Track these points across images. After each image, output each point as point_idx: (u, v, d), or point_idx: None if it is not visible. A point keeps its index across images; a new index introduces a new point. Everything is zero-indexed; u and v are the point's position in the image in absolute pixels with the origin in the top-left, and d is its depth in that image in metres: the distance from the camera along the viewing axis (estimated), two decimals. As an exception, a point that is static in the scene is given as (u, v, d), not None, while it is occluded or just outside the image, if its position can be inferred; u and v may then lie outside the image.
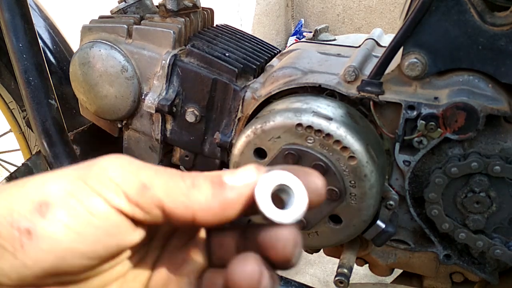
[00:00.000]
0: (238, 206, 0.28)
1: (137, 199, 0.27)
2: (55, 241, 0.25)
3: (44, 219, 0.25)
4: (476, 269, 0.71)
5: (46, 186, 0.26)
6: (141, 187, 0.27)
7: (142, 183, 0.27)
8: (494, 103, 0.60)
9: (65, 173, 0.27)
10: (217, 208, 0.27)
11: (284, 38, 3.59)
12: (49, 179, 0.27)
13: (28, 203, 0.26)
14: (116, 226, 0.27)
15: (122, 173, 0.27)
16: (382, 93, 0.65)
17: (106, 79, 0.81)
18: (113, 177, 0.27)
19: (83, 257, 0.26)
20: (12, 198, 0.26)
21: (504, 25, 0.58)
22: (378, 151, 0.65)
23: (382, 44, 0.80)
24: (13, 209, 0.26)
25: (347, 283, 0.70)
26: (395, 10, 3.23)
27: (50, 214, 0.25)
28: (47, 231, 0.25)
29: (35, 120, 0.83)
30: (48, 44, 1.04)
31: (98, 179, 0.27)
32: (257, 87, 0.76)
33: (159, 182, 0.27)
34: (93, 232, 0.26)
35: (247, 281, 0.25)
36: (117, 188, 0.27)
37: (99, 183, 0.26)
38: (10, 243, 0.25)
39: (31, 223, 0.25)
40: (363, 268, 0.83)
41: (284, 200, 0.28)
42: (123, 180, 0.27)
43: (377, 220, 0.68)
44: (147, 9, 0.88)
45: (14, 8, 0.79)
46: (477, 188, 0.63)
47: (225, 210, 0.27)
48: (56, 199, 0.26)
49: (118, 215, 0.27)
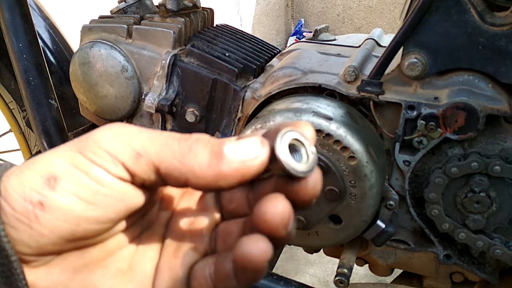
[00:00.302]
0: (232, 180, 0.28)
1: (133, 168, 0.28)
2: (67, 210, 0.27)
3: (54, 191, 0.27)
4: (476, 269, 0.71)
5: (51, 161, 0.28)
6: (136, 155, 0.28)
7: (136, 151, 0.28)
8: (494, 103, 0.60)
9: (65, 148, 0.29)
10: (210, 178, 0.27)
11: (284, 38, 3.59)
12: (53, 155, 0.28)
13: (37, 177, 0.27)
14: (123, 192, 0.28)
15: (115, 144, 0.28)
16: (382, 93, 0.65)
17: (106, 79, 0.81)
18: (108, 149, 0.28)
19: (96, 222, 0.28)
20: (22, 174, 0.28)
21: (504, 25, 0.58)
22: (378, 151, 0.65)
23: (382, 44, 0.80)
24: (23, 185, 0.27)
25: (347, 283, 0.70)
26: (395, 10, 3.23)
27: (58, 186, 0.27)
28: (58, 202, 0.27)
29: (35, 120, 0.83)
30: (48, 44, 1.04)
31: (94, 152, 0.28)
32: (257, 87, 0.76)
33: (153, 148, 0.28)
34: (103, 199, 0.27)
35: (279, 217, 0.26)
36: (113, 159, 0.28)
37: (96, 155, 0.28)
38: (25, 216, 0.27)
39: (42, 196, 0.27)
40: (363, 268, 0.83)
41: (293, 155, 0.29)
42: (117, 150, 0.28)
43: (377, 220, 0.68)
44: (147, 9, 0.88)
45: (14, 8, 0.79)
46: (477, 188, 0.63)
47: (218, 181, 0.28)
48: (63, 172, 0.27)
49: (121, 182, 0.28)
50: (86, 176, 0.27)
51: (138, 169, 0.28)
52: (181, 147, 0.28)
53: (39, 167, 0.28)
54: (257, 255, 0.26)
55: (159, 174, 0.28)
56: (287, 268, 1.70)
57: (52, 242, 0.27)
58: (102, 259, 0.31)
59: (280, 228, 0.27)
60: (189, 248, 0.32)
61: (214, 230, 0.33)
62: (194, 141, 0.28)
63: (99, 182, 0.27)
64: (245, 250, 0.26)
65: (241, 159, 0.28)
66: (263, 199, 0.27)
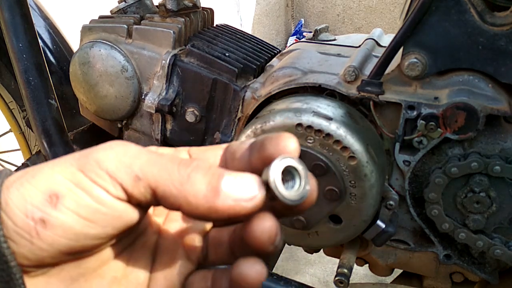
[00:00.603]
0: (224, 216, 0.28)
1: (131, 190, 0.29)
2: (68, 228, 0.28)
3: (56, 209, 0.28)
4: (476, 269, 0.71)
5: (53, 178, 0.28)
6: (135, 178, 0.28)
7: (135, 174, 0.29)
8: (494, 103, 0.60)
9: (66, 164, 0.29)
10: (203, 210, 0.28)
11: (284, 38, 3.59)
12: (54, 170, 0.29)
13: (39, 194, 0.28)
14: (121, 211, 0.29)
15: (116, 165, 0.29)
16: (382, 93, 0.65)
17: (106, 79, 0.81)
18: (108, 170, 0.28)
19: (94, 238, 0.29)
20: (23, 189, 0.28)
21: (504, 25, 0.58)
22: (378, 151, 0.65)
23: (382, 44, 0.80)
24: (26, 200, 0.28)
25: (347, 283, 0.70)
26: (395, 10, 3.23)
27: (60, 204, 0.28)
28: (59, 220, 0.28)
29: (35, 120, 0.83)
30: (48, 44, 1.04)
31: (95, 172, 0.29)
32: (257, 87, 0.76)
33: (152, 172, 0.29)
34: (102, 217, 0.28)
35: (266, 235, 0.28)
36: (113, 180, 0.28)
37: (97, 175, 0.28)
38: (26, 232, 0.27)
39: (45, 213, 0.27)
40: (363, 268, 0.83)
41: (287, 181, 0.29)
42: (117, 172, 0.29)
43: (377, 220, 0.68)
44: (147, 9, 0.88)
45: (14, 8, 0.79)
46: (477, 188, 0.63)
47: (210, 214, 0.28)
48: (65, 190, 0.28)
49: (120, 202, 0.29)
50: (87, 195, 0.28)
51: (136, 192, 0.29)
52: (180, 174, 0.28)
53: (41, 183, 0.28)
54: (253, 277, 0.28)
55: (155, 196, 0.29)
56: (287, 268, 1.70)
57: (51, 256, 0.28)
58: (98, 268, 0.32)
59: (268, 245, 0.28)
60: (183, 258, 0.33)
61: (205, 237, 0.34)
62: (193, 169, 0.29)
63: (99, 201, 0.28)
64: (242, 271, 0.28)
65: (236, 198, 0.28)
66: (252, 218, 0.28)
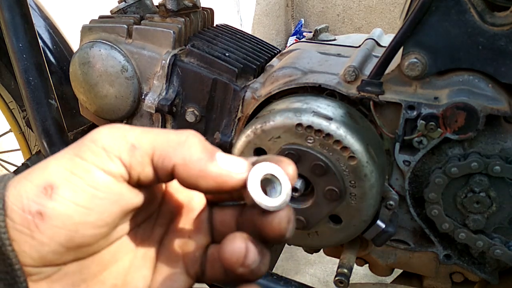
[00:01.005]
0: (210, 183, 0.29)
1: (129, 160, 0.29)
2: (66, 217, 0.27)
3: (51, 199, 0.27)
4: (476, 269, 0.71)
5: (47, 169, 0.28)
6: (131, 147, 0.29)
7: (131, 143, 0.29)
8: (494, 103, 0.60)
9: (62, 153, 0.29)
10: (194, 172, 0.28)
11: (284, 38, 3.59)
12: (49, 163, 0.29)
13: (33, 187, 0.28)
14: (118, 194, 0.29)
15: (111, 140, 0.29)
16: (382, 93, 0.65)
17: (106, 79, 0.81)
18: (105, 145, 0.29)
19: (93, 226, 0.28)
20: (19, 185, 0.28)
21: (504, 25, 0.58)
22: (378, 151, 0.65)
23: (382, 44, 0.80)
24: (21, 196, 0.28)
25: (347, 283, 0.70)
26: (395, 10, 3.23)
27: (55, 194, 0.28)
28: (57, 210, 0.27)
29: (35, 120, 0.83)
30: (48, 44, 1.04)
31: (92, 151, 0.28)
32: (257, 87, 0.76)
33: (147, 138, 0.29)
34: (99, 203, 0.28)
35: (235, 256, 0.29)
36: (110, 154, 0.28)
37: (94, 154, 0.28)
38: (26, 227, 0.27)
39: (41, 205, 0.27)
40: (363, 268, 0.83)
41: (268, 188, 0.30)
42: (114, 145, 0.29)
43: (377, 220, 0.68)
44: (147, 9, 0.88)
45: (14, 8, 0.79)
46: (477, 188, 0.63)
47: (199, 178, 0.29)
48: (59, 179, 0.28)
49: (118, 182, 0.29)
50: (82, 181, 0.28)
51: (134, 162, 0.29)
52: (178, 136, 0.29)
53: (35, 176, 0.28)
54: None
55: (153, 165, 0.29)
56: (287, 268, 1.70)
57: (53, 251, 0.28)
58: (98, 273, 0.32)
59: (236, 266, 0.29)
60: (183, 271, 0.33)
61: (205, 252, 0.34)
62: (192, 134, 0.30)
63: (95, 186, 0.28)
64: None
65: (226, 169, 0.29)
66: (226, 237, 0.30)
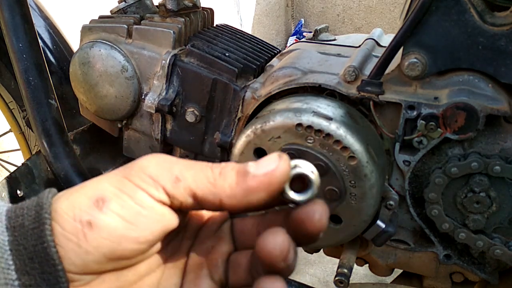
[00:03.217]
0: (260, 193, 0.31)
1: (172, 191, 0.31)
2: (112, 230, 0.30)
3: (102, 212, 0.30)
4: (476, 269, 0.71)
5: (99, 185, 0.31)
6: (175, 180, 0.31)
7: (175, 176, 0.31)
8: (494, 103, 0.60)
9: (113, 174, 0.32)
10: (240, 195, 0.31)
11: (284, 38, 3.59)
12: (101, 180, 0.32)
13: (86, 199, 0.30)
14: (161, 214, 0.31)
15: (158, 170, 0.31)
16: (382, 93, 0.65)
17: (106, 79, 0.81)
18: (152, 174, 0.31)
19: (135, 241, 0.31)
20: (71, 196, 0.31)
21: (504, 25, 0.58)
22: (378, 151, 0.65)
23: (382, 44, 0.80)
24: (73, 206, 0.30)
25: (347, 283, 0.70)
26: (395, 10, 3.23)
27: (106, 207, 0.30)
28: (105, 222, 0.30)
29: (35, 120, 0.83)
30: (48, 44, 1.04)
31: (140, 177, 0.31)
32: (257, 87, 0.76)
33: (189, 173, 0.32)
34: (143, 220, 0.31)
35: (278, 250, 0.29)
36: (155, 183, 0.31)
37: (141, 180, 0.31)
38: (74, 235, 0.30)
39: (91, 216, 0.30)
40: (363, 268, 0.83)
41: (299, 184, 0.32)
42: (160, 175, 0.31)
43: (377, 220, 0.68)
44: (147, 9, 0.88)
45: (14, 8, 0.79)
46: (477, 188, 0.63)
47: (247, 196, 0.31)
48: (110, 194, 0.30)
49: (161, 205, 0.31)
50: (130, 199, 0.31)
51: (177, 193, 0.31)
52: (214, 172, 0.32)
53: (88, 190, 0.31)
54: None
55: (195, 198, 0.31)
56: (287, 268, 1.69)
57: (96, 260, 0.30)
58: (134, 283, 0.34)
59: (279, 260, 0.30)
60: (207, 278, 0.35)
61: (227, 260, 0.36)
62: (223, 167, 0.32)
63: (141, 204, 0.31)
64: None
65: (264, 172, 0.31)
66: (265, 232, 0.30)
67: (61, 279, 0.30)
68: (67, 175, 0.86)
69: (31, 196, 0.77)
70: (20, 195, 0.90)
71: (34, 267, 0.30)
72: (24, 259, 0.30)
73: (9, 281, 0.29)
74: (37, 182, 0.92)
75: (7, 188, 0.89)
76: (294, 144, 0.63)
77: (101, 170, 1.00)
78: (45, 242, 0.29)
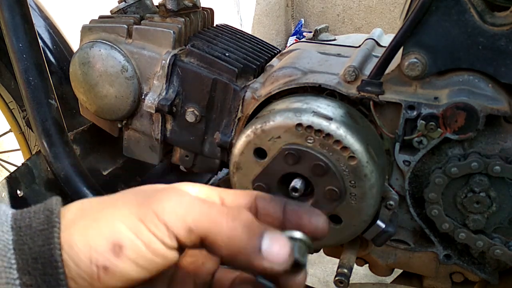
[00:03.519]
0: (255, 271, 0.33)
1: (184, 240, 0.33)
2: (126, 274, 0.32)
3: (119, 258, 0.31)
4: (476, 269, 0.71)
5: (116, 226, 0.32)
6: (188, 230, 0.33)
7: (189, 227, 0.33)
8: (494, 103, 0.60)
9: (127, 211, 0.33)
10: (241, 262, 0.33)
11: (284, 38, 3.59)
12: (117, 217, 0.32)
13: (103, 242, 0.31)
14: (170, 259, 0.33)
15: (172, 218, 0.33)
16: (382, 93, 0.65)
17: (106, 79, 0.81)
18: (166, 222, 0.32)
19: (142, 281, 0.33)
20: (87, 233, 0.32)
21: (504, 25, 0.58)
22: (378, 151, 0.65)
23: (382, 44, 0.80)
24: (90, 247, 0.31)
25: (347, 283, 0.70)
26: (395, 10, 3.23)
27: (122, 254, 0.31)
28: (120, 268, 0.31)
29: (35, 120, 0.83)
30: (48, 44, 1.04)
31: (154, 223, 0.32)
32: (257, 87, 0.76)
33: (203, 225, 0.33)
34: (155, 267, 0.33)
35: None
36: (170, 233, 0.32)
37: (156, 227, 0.32)
38: (89, 275, 0.31)
39: (108, 262, 0.31)
40: (363, 268, 0.83)
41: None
42: (173, 225, 0.32)
43: (377, 220, 0.68)
44: (147, 9, 0.88)
45: (14, 8, 0.79)
46: (477, 188, 0.63)
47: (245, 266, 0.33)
48: (126, 240, 0.32)
49: (172, 251, 0.33)
50: (145, 246, 0.32)
51: (188, 241, 0.33)
52: (227, 226, 0.33)
53: (105, 230, 0.32)
54: None
55: (203, 243, 0.33)
56: (287, 268, 1.69)
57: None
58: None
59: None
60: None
61: (213, 275, 0.40)
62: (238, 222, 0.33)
63: (155, 253, 0.32)
64: None
65: (271, 261, 0.32)
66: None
67: (61, 282, 0.30)
68: (67, 175, 0.86)
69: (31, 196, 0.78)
70: (20, 195, 0.90)
71: (36, 267, 0.30)
72: (27, 259, 0.30)
73: (11, 280, 0.30)
74: (37, 182, 0.92)
75: (7, 188, 0.89)
76: (294, 144, 0.63)
77: (101, 170, 1.00)
78: (52, 244, 0.30)
